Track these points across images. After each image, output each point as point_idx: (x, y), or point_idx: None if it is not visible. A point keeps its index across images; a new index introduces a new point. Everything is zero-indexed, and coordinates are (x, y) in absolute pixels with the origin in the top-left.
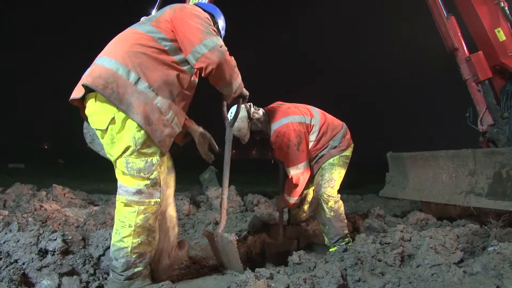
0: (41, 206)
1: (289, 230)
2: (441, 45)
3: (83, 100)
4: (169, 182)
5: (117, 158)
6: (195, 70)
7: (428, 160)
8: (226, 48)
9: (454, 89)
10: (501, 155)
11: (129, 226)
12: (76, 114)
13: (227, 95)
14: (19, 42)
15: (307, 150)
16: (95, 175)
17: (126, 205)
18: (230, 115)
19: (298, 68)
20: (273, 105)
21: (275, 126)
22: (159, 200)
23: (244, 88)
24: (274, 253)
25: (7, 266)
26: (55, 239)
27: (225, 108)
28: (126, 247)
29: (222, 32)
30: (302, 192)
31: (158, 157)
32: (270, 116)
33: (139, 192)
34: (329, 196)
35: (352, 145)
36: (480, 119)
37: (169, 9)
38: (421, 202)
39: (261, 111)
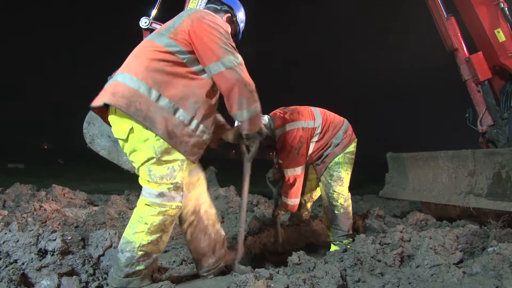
0: (41, 206)
1: (289, 230)
2: (442, 45)
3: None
4: (195, 183)
5: (140, 166)
6: None
7: (428, 160)
8: (244, 69)
9: (454, 90)
10: (501, 155)
11: (145, 223)
12: (76, 115)
13: (241, 122)
14: (19, 41)
15: (306, 155)
16: (94, 175)
17: (147, 205)
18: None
19: (297, 68)
20: (276, 111)
21: (280, 132)
22: (180, 204)
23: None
24: (274, 254)
25: (6, 266)
26: (55, 239)
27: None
28: (135, 242)
29: (241, 25)
30: (301, 195)
31: (180, 163)
32: (275, 122)
33: (161, 194)
34: (339, 194)
35: (356, 140)
36: (480, 120)
37: (187, 18)
38: (421, 202)
39: (266, 117)
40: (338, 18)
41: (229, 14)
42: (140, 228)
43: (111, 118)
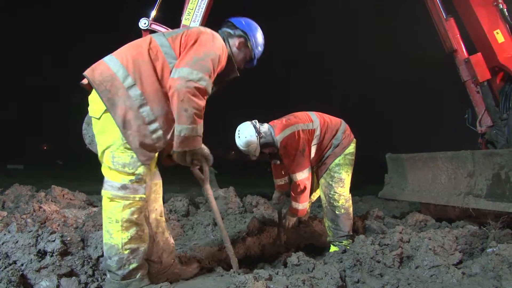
0: (40, 207)
1: (288, 231)
2: (441, 46)
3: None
4: (153, 188)
5: (105, 150)
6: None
7: (427, 161)
8: (196, 86)
9: (454, 90)
10: (500, 156)
11: (116, 222)
12: (75, 115)
13: (175, 136)
14: (17, 41)
15: (310, 157)
16: (94, 176)
17: (111, 200)
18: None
19: (297, 67)
20: (273, 121)
21: (280, 138)
22: (144, 196)
23: (203, 149)
24: (273, 254)
25: (5, 267)
26: (54, 240)
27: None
28: (117, 244)
29: (258, 50)
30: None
31: (156, 152)
32: (274, 129)
33: (123, 187)
34: (340, 195)
35: (355, 140)
36: (479, 121)
37: (189, 30)
38: (420, 203)
39: (266, 125)
40: (337, 17)
41: (243, 39)
42: (114, 228)
43: (91, 95)
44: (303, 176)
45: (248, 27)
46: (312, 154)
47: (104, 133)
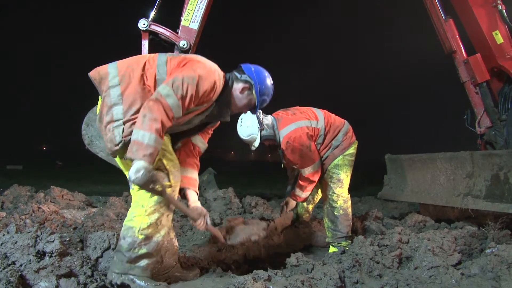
0: (39, 208)
1: (288, 232)
2: (440, 47)
3: None
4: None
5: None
6: (180, 116)
7: (426, 162)
8: (163, 101)
9: (453, 91)
10: (499, 157)
11: (142, 206)
12: (75, 115)
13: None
14: (18, 43)
15: (316, 150)
16: (93, 177)
17: (139, 189)
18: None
19: (296, 65)
20: (278, 112)
21: (284, 132)
22: (169, 183)
23: (151, 170)
24: (273, 255)
25: (4, 268)
26: (53, 241)
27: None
28: (135, 227)
29: (262, 98)
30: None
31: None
32: (278, 123)
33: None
34: (339, 195)
35: (356, 142)
36: (478, 121)
37: (194, 56)
38: (419, 204)
39: (269, 117)
40: (336, 17)
41: (248, 85)
42: (137, 211)
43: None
44: (311, 170)
45: (256, 74)
46: None
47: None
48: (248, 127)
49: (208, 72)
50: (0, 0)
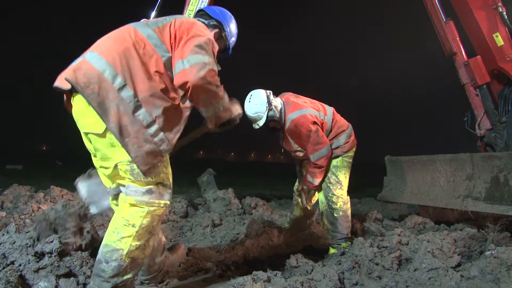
0: (39, 208)
1: (288, 232)
2: (440, 49)
3: (70, 92)
4: None
5: (117, 164)
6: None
7: (426, 164)
8: (211, 67)
9: (453, 93)
10: (499, 159)
11: (132, 226)
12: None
13: (209, 118)
14: (16, 40)
15: (324, 135)
16: None
17: (133, 205)
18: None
19: (297, 68)
20: (288, 95)
21: (293, 116)
22: (168, 202)
23: (235, 113)
24: (272, 256)
25: (3, 268)
26: (52, 241)
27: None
28: (122, 249)
29: (232, 40)
30: (300, 198)
31: (161, 158)
32: (286, 106)
33: (149, 191)
34: (338, 197)
35: (356, 145)
36: (478, 124)
37: (178, 20)
38: (419, 206)
39: (278, 100)
40: (337, 19)
41: (217, 30)
42: (127, 232)
43: (81, 107)
44: (321, 155)
45: (222, 16)
46: None
47: (115, 147)
48: (257, 104)
49: (207, 31)
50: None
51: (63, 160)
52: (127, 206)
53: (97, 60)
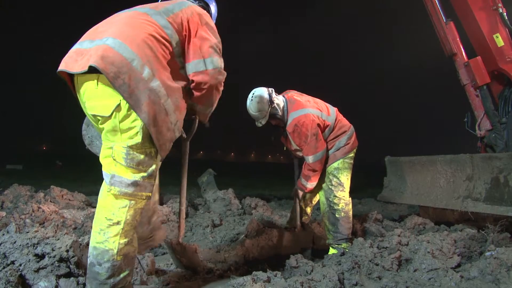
0: (39, 208)
1: (287, 234)
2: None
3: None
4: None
5: (115, 146)
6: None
7: (426, 164)
8: (224, 73)
9: (453, 94)
10: (499, 160)
11: (117, 224)
12: (75, 116)
13: (202, 114)
14: (17, 38)
15: (323, 139)
16: (93, 177)
17: (117, 197)
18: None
19: (298, 64)
20: (292, 93)
21: (295, 115)
22: (150, 194)
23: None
24: (272, 256)
25: (4, 268)
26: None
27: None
28: (112, 249)
29: (215, 20)
30: (300, 200)
31: (155, 150)
32: (289, 104)
33: (134, 184)
34: (340, 198)
35: (356, 146)
36: (478, 124)
37: (188, 8)
38: (419, 206)
39: (281, 98)
40: (337, 17)
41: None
42: (113, 231)
43: (92, 90)
44: (316, 159)
45: None
46: None
47: (117, 131)
48: (259, 102)
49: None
50: None
51: (63, 160)
52: (111, 199)
53: (123, 49)
